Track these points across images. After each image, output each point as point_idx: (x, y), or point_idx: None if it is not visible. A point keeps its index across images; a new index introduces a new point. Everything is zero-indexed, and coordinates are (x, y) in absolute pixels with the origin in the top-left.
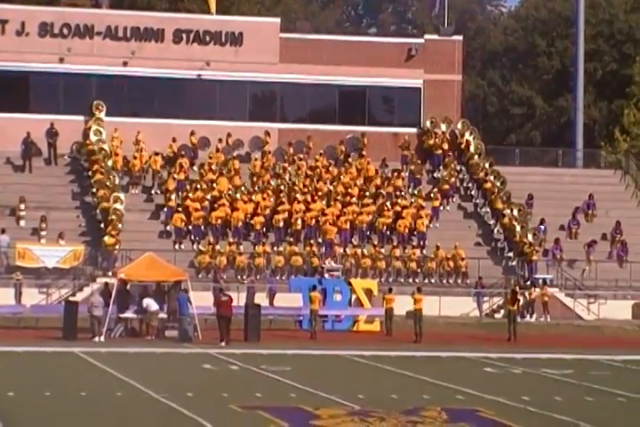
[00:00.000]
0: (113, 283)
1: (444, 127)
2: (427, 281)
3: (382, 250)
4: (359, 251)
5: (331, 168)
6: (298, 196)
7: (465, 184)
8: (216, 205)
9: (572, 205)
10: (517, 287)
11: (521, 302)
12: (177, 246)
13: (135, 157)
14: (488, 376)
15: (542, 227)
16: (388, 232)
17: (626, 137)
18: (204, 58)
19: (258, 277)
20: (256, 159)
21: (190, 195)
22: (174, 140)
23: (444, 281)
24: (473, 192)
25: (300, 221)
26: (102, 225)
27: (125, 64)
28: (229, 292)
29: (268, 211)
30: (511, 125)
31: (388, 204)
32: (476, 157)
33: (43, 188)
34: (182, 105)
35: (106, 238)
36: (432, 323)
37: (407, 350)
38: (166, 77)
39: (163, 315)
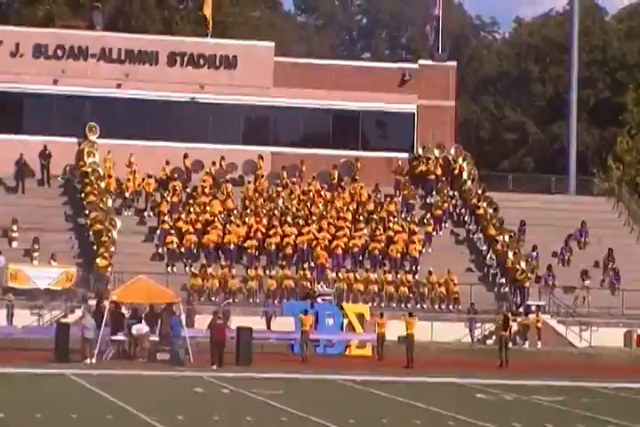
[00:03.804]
0: (105, 305)
1: (437, 153)
2: (419, 306)
3: (375, 275)
4: (352, 275)
5: (324, 192)
6: (290, 219)
7: (458, 210)
8: (209, 229)
9: (564, 231)
10: (510, 313)
11: (514, 329)
12: (169, 269)
13: (128, 180)
14: (479, 402)
15: (534, 253)
16: (381, 257)
17: (619, 165)
18: (198, 81)
19: (251, 300)
20: (249, 183)
21: (183, 217)
22: (167, 162)
23: (437, 307)
24: (466, 218)
25: (292, 245)
26: (95, 247)
27: (119, 86)
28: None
29: (260, 234)
30: (504, 151)
31: (380, 228)
32: (469, 182)
33: (35, 209)
34: (176, 128)
35: (98, 260)
36: (424, 348)
37: (399, 376)
38: (160, 100)
39: (154, 338)
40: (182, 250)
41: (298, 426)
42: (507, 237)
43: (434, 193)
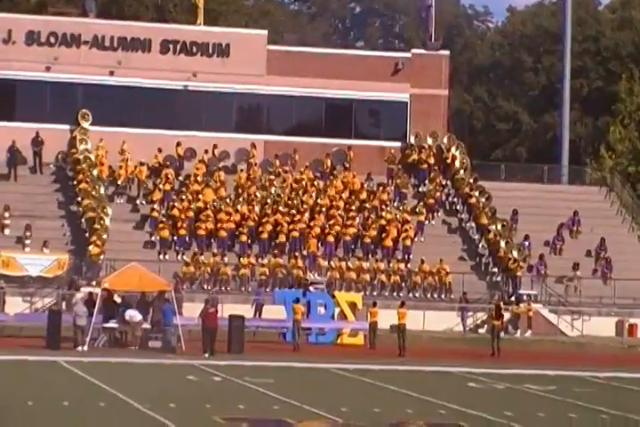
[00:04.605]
0: (97, 292)
1: (430, 141)
2: (411, 295)
3: (367, 263)
4: (344, 264)
5: (316, 181)
6: (282, 208)
7: (450, 199)
8: (201, 217)
9: (556, 221)
10: (502, 302)
11: (506, 317)
12: (162, 257)
13: (121, 167)
14: (471, 391)
15: (527, 242)
16: (373, 246)
17: (611, 154)
18: (191, 69)
19: (243, 288)
20: (242, 171)
21: (176, 205)
22: (160, 150)
23: (429, 295)
24: (458, 207)
25: (284, 234)
26: (87, 234)
27: (112, 73)
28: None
29: (252, 223)
30: (497, 141)
31: (372, 217)
32: (462, 171)
33: (27, 196)
34: (168, 115)
35: (90, 248)
36: (416, 337)
37: (391, 364)
38: (153, 88)
39: (146, 325)
40: (174, 238)
41: (290, 414)
42: (499, 227)
43: (426, 182)
